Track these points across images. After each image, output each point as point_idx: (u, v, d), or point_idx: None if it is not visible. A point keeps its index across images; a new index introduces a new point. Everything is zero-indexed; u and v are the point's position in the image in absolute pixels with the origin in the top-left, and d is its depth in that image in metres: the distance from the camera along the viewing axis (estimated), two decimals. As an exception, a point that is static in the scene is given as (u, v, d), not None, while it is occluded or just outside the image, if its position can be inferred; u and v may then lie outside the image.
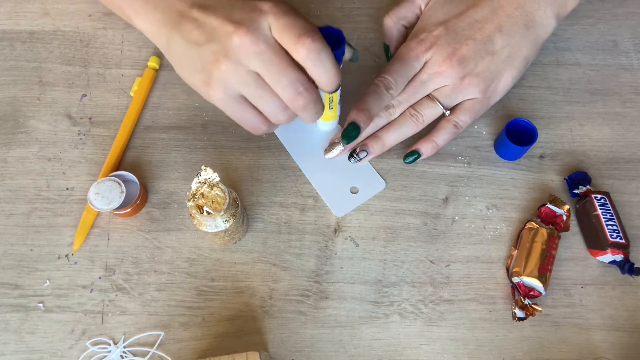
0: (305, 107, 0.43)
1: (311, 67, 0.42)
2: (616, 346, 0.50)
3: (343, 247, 0.53)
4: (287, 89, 0.42)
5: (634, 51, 0.62)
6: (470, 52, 0.51)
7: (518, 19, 0.51)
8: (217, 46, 0.41)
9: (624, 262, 0.51)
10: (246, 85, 0.42)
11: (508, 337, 0.51)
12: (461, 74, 0.51)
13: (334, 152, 0.54)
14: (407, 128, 0.53)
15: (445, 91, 0.52)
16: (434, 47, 0.51)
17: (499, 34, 0.51)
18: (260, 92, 0.43)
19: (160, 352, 0.49)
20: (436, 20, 0.53)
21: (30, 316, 0.50)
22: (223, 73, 0.41)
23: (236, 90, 0.43)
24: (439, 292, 0.52)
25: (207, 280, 0.52)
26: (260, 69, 0.41)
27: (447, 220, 0.54)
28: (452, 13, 0.52)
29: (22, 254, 0.52)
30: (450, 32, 0.51)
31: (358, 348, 0.50)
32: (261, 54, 0.41)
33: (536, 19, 0.52)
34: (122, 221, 0.53)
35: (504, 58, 0.51)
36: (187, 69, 0.44)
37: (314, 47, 0.41)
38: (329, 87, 0.43)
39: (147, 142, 0.57)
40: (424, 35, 0.52)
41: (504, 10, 0.51)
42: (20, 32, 0.61)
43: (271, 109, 0.44)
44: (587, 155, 0.57)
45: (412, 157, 0.54)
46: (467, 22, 0.52)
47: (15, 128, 0.57)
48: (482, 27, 0.51)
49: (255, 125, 0.45)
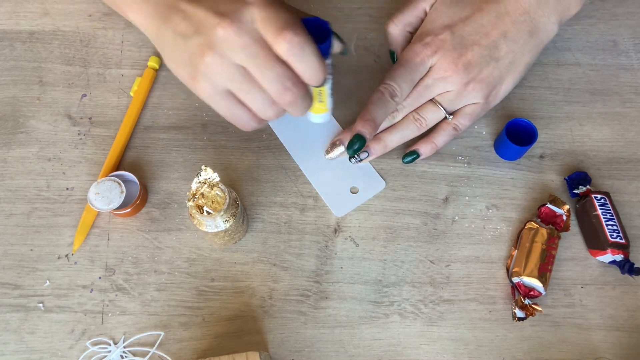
0: (293, 102, 0.42)
1: (294, 62, 0.41)
2: (616, 346, 0.50)
3: (343, 247, 0.53)
4: (274, 83, 0.41)
5: (634, 51, 0.62)
6: (476, 57, 0.51)
7: (523, 25, 0.51)
8: (203, 38, 0.40)
9: (624, 262, 0.51)
10: (232, 79, 0.41)
11: (508, 337, 0.51)
12: (466, 80, 0.51)
13: (334, 152, 0.54)
14: (410, 131, 0.53)
15: (449, 96, 0.52)
16: (439, 52, 0.51)
17: (504, 40, 0.51)
18: (247, 87, 0.42)
19: (160, 352, 0.49)
20: (442, 23, 0.52)
21: (30, 316, 0.50)
22: (208, 66, 0.41)
23: (222, 84, 0.42)
24: (439, 292, 0.52)
25: (207, 280, 0.52)
26: (246, 63, 0.41)
27: (447, 220, 0.54)
28: (458, 17, 0.52)
29: (22, 254, 0.52)
30: (456, 36, 0.51)
31: (358, 348, 0.50)
32: (246, 47, 0.40)
33: (540, 25, 0.52)
34: (122, 221, 0.53)
35: (507, 64, 0.51)
36: (176, 62, 0.43)
37: (296, 41, 0.40)
38: (313, 82, 0.42)
39: (147, 142, 0.57)
40: (430, 39, 0.51)
41: (509, 16, 0.51)
42: (20, 32, 0.61)
43: (259, 104, 0.43)
44: (587, 155, 0.57)
45: (411, 157, 0.54)
46: (473, 27, 0.51)
47: (15, 128, 0.57)
48: (488, 32, 0.51)
49: (244, 121, 0.44)
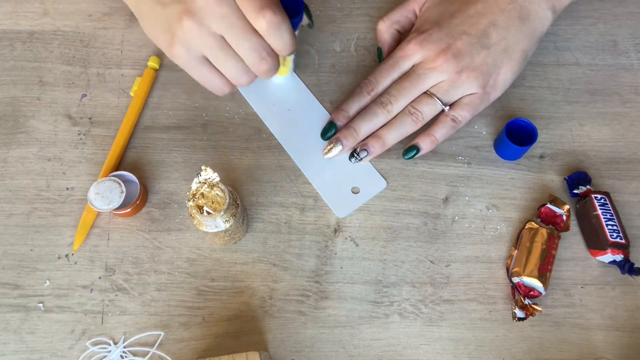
0: (267, 71, 0.45)
1: (270, 39, 0.43)
2: (616, 346, 0.50)
3: (343, 247, 0.53)
4: (251, 54, 0.44)
5: (634, 51, 0.62)
6: (465, 46, 0.51)
7: (512, 13, 0.51)
8: (182, 6, 0.42)
9: (624, 262, 0.51)
10: (209, 47, 0.43)
11: (508, 337, 0.51)
12: (457, 69, 0.51)
13: (332, 152, 0.54)
14: (407, 126, 0.53)
15: (443, 87, 0.52)
16: (426, 45, 0.52)
17: (493, 27, 0.51)
18: (223, 56, 0.44)
19: (160, 352, 0.49)
20: (430, 20, 0.53)
21: (30, 316, 0.50)
22: (186, 32, 0.42)
23: (199, 51, 0.44)
24: (439, 292, 0.52)
25: (207, 280, 0.52)
26: (224, 32, 0.42)
27: (447, 220, 0.54)
28: (447, 12, 0.53)
29: (22, 254, 0.52)
30: (442, 29, 0.52)
31: (358, 348, 0.50)
32: (225, 17, 0.42)
33: (531, 12, 0.52)
34: (122, 221, 0.53)
35: (500, 51, 0.52)
36: (154, 29, 0.45)
37: (275, 20, 0.42)
38: (284, 53, 0.45)
39: (147, 142, 0.57)
40: (415, 34, 0.53)
41: (497, 4, 0.52)
42: (20, 32, 0.61)
43: (233, 72, 0.45)
44: (587, 155, 0.57)
45: (412, 152, 0.54)
46: (460, 19, 0.52)
47: (15, 128, 0.57)
48: (476, 22, 0.51)
49: (217, 86, 0.47)
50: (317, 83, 0.59)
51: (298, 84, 0.59)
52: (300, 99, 0.59)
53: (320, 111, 0.58)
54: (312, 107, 0.58)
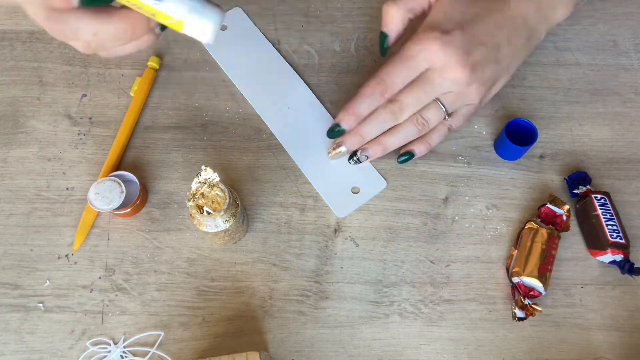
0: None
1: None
2: (616, 346, 0.50)
3: (343, 247, 0.53)
4: None
5: (634, 51, 0.62)
6: (481, 58, 0.50)
7: (522, 31, 0.51)
8: None
9: (624, 262, 0.51)
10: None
11: (508, 337, 0.51)
12: (469, 81, 0.50)
13: (337, 156, 0.54)
14: (411, 133, 0.52)
15: (451, 97, 0.51)
16: (448, 49, 0.48)
17: (506, 43, 0.51)
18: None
19: (160, 352, 0.49)
20: (452, 19, 0.50)
21: (30, 316, 0.50)
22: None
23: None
24: (439, 292, 0.52)
25: (207, 280, 0.52)
26: None
27: (447, 220, 0.54)
28: (470, 13, 0.50)
29: (22, 254, 0.52)
30: (465, 34, 0.49)
31: (358, 348, 0.50)
32: None
33: (535, 33, 0.52)
34: (122, 221, 0.53)
35: (504, 67, 0.51)
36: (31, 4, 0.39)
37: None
38: None
39: (147, 142, 0.57)
40: (439, 34, 0.49)
41: (513, 20, 0.51)
42: (20, 32, 0.61)
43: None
44: (587, 155, 0.57)
45: (406, 157, 0.54)
46: (482, 26, 0.50)
47: (15, 128, 0.57)
48: (494, 33, 0.50)
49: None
50: (317, 83, 0.60)
51: (298, 83, 0.59)
52: (300, 99, 0.59)
53: (320, 111, 0.58)
54: (313, 107, 0.58)
